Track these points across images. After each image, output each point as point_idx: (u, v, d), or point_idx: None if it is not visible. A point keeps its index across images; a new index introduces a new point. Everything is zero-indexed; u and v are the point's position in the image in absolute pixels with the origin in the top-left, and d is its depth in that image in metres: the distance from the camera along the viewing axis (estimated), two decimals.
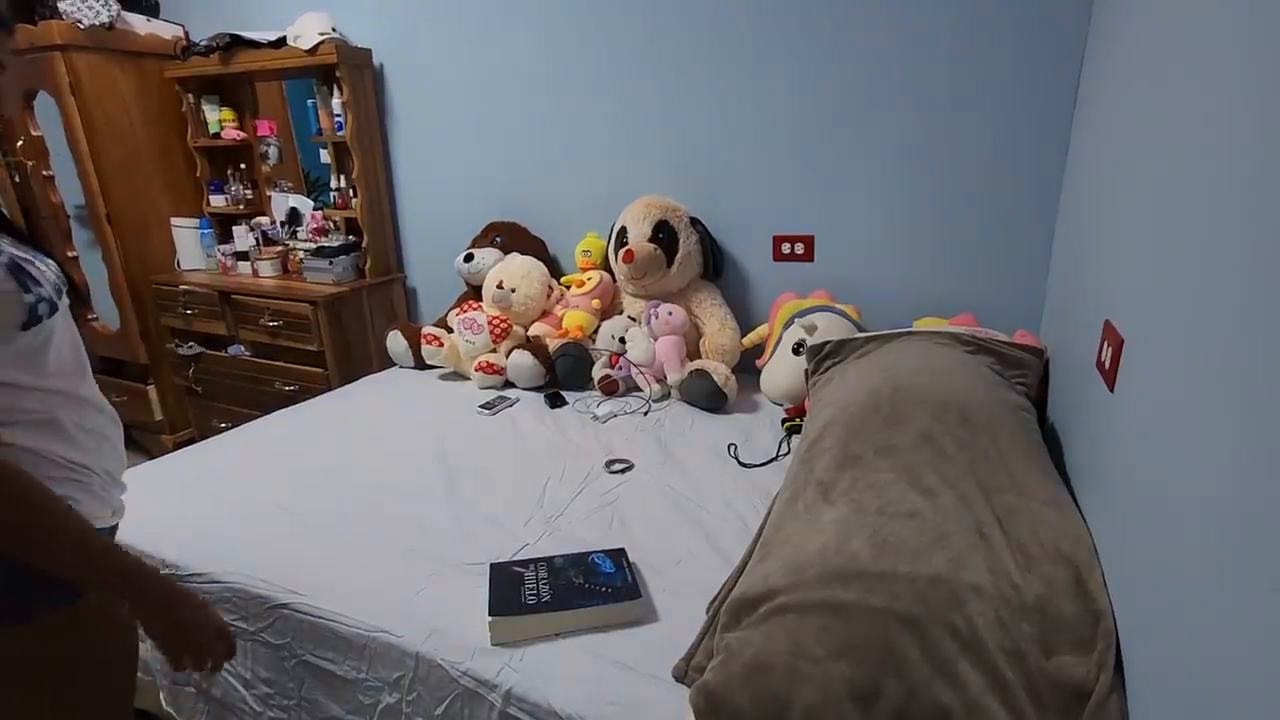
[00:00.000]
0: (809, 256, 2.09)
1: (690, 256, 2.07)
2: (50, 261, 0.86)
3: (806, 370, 1.77)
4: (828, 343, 1.75)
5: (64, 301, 0.86)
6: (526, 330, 2.26)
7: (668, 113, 2.15)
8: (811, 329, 1.90)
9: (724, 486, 1.54)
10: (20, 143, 2.74)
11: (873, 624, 0.86)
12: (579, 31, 2.19)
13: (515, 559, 1.24)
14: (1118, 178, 1.22)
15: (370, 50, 2.53)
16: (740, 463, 1.65)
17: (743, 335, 2.10)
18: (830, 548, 0.99)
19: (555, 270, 2.42)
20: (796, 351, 1.90)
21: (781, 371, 1.94)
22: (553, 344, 2.15)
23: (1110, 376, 1.04)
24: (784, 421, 1.82)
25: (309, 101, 2.64)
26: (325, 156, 2.72)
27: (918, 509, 1.03)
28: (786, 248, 2.10)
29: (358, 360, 2.57)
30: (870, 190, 1.97)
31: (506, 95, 2.37)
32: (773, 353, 2.00)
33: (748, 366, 2.09)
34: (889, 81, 1.86)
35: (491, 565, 1.20)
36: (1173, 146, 0.92)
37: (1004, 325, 1.78)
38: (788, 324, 1.97)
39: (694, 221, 2.10)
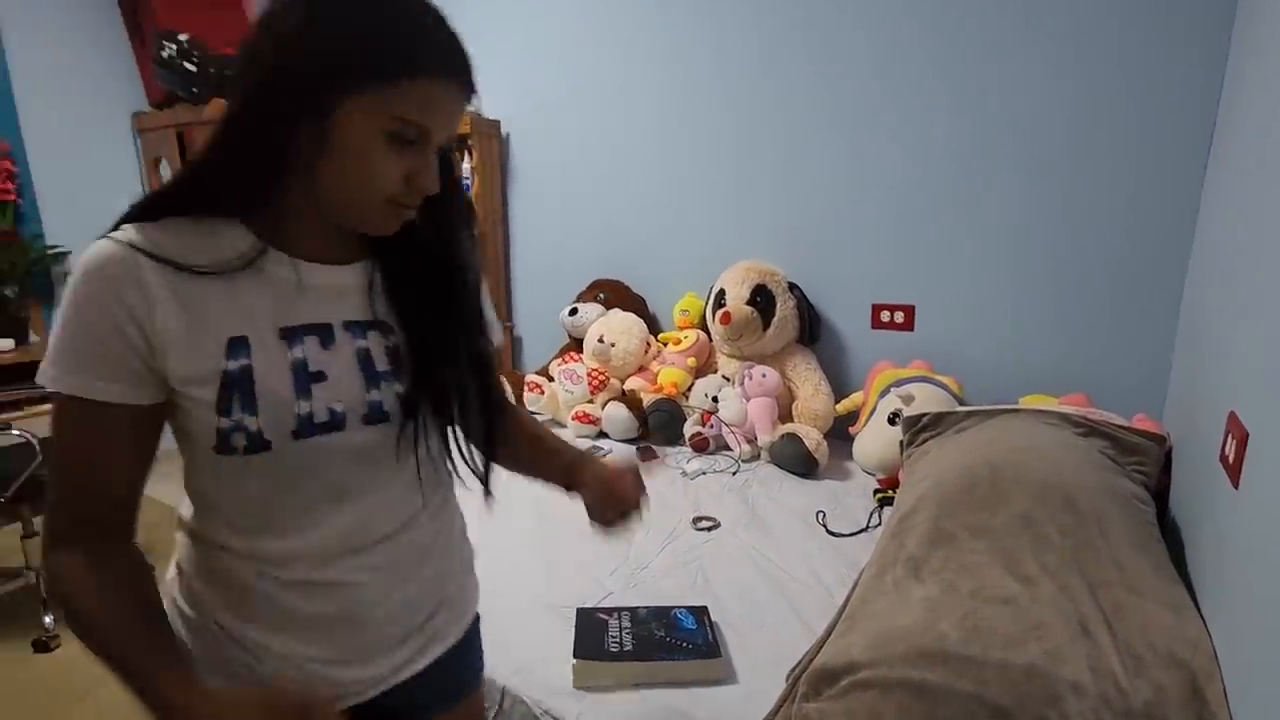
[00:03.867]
0: (909, 325, 2.07)
1: (787, 320, 2.10)
2: (395, 383, 0.69)
3: (902, 441, 1.74)
4: (926, 415, 1.72)
5: (345, 438, 0.67)
6: (623, 384, 2.35)
7: (770, 179, 2.23)
8: (909, 399, 1.87)
9: (810, 554, 1.53)
10: None
11: (959, 710, 0.84)
12: (686, 104, 2.33)
13: (600, 606, 1.29)
14: (1243, 259, 1.16)
15: (499, 121, 2.79)
16: (829, 531, 1.63)
17: (837, 401, 2.09)
18: (918, 626, 0.98)
19: (654, 327, 2.51)
20: (892, 421, 1.87)
21: (876, 441, 1.91)
22: (647, 399, 2.22)
23: (1235, 472, 0.98)
24: (876, 492, 1.79)
25: None
26: None
27: (1013, 596, 1.00)
28: (886, 316, 2.10)
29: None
30: (977, 260, 1.94)
31: (616, 162, 2.54)
32: (867, 421, 1.97)
33: (841, 433, 2.07)
34: (1003, 148, 1.86)
35: (578, 610, 1.25)
36: None
37: (1122, 408, 1.68)
38: (884, 393, 1.95)
39: (792, 286, 2.14)
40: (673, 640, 1.16)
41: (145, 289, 0.58)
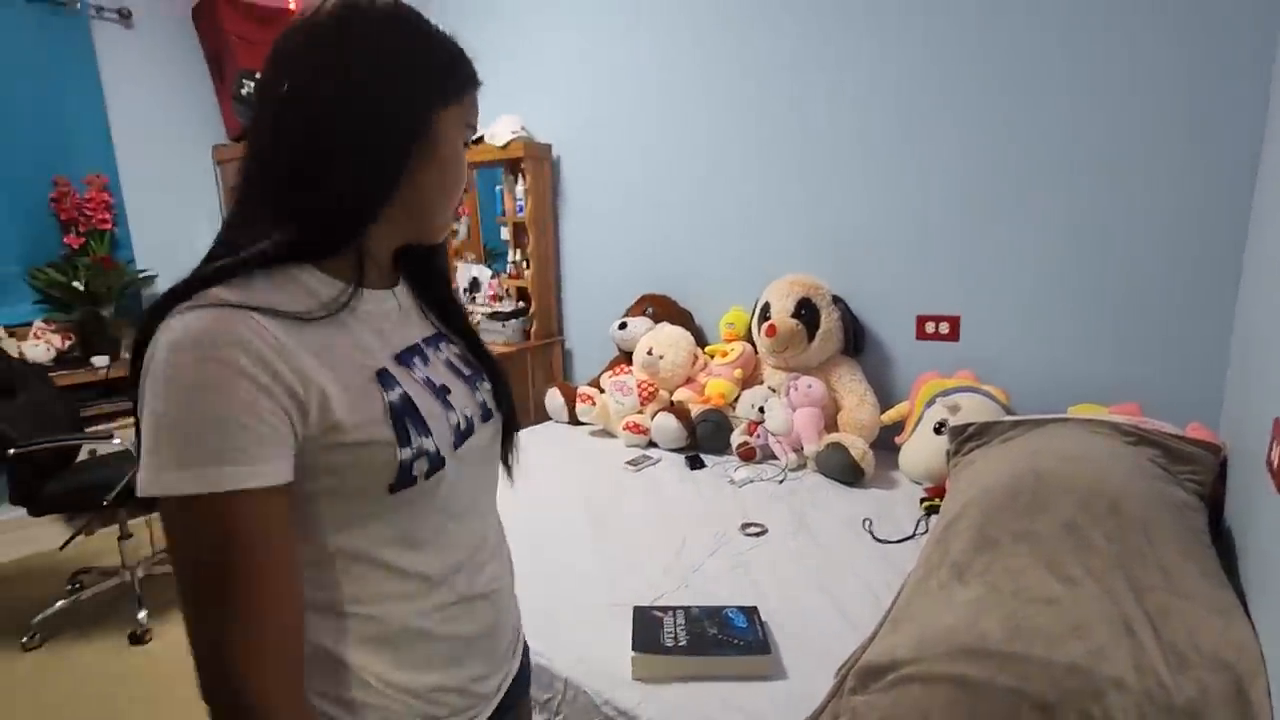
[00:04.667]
0: (954, 336, 2.09)
1: (831, 333, 2.15)
2: (483, 383, 0.76)
3: (948, 450, 1.76)
4: (972, 424, 1.74)
5: (476, 441, 0.71)
6: (671, 395, 2.42)
7: (815, 193, 2.29)
8: (955, 409, 1.89)
9: (856, 559, 1.57)
10: None
11: (1002, 704, 0.88)
12: (730, 122, 2.41)
13: (655, 605, 1.36)
14: None
15: (550, 145, 2.91)
16: (875, 538, 1.66)
17: (882, 411, 2.12)
18: (960, 625, 1.02)
19: (701, 340, 2.58)
20: (938, 431, 1.89)
21: (922, 450, 1.94)
22: (695, 409, 2.29)
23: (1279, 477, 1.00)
24: (923, 501, 1.81)
25: (496, 188, 3.06)
26: (505, 233, 3.13)
27: (1056, 596, 1.03)
28: (930, 327, 2.12)
29: (518, 413, 2.86)
30: (1022, 270, 1.96)
31: (663, 181, 2.63)
32: (913, 431, 2.00)
33: (887, 443, 2.10)
34: (1049, 157, 1.88)
35: (635, 608, 1.32)
36: None
37: (1176, 417, 1.67)
38: (930, 403, 1.98)
39: (836, 299, 2.18)
40: (725, 637, 1.22)
41: (278, 346, 0.54)
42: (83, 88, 3.04)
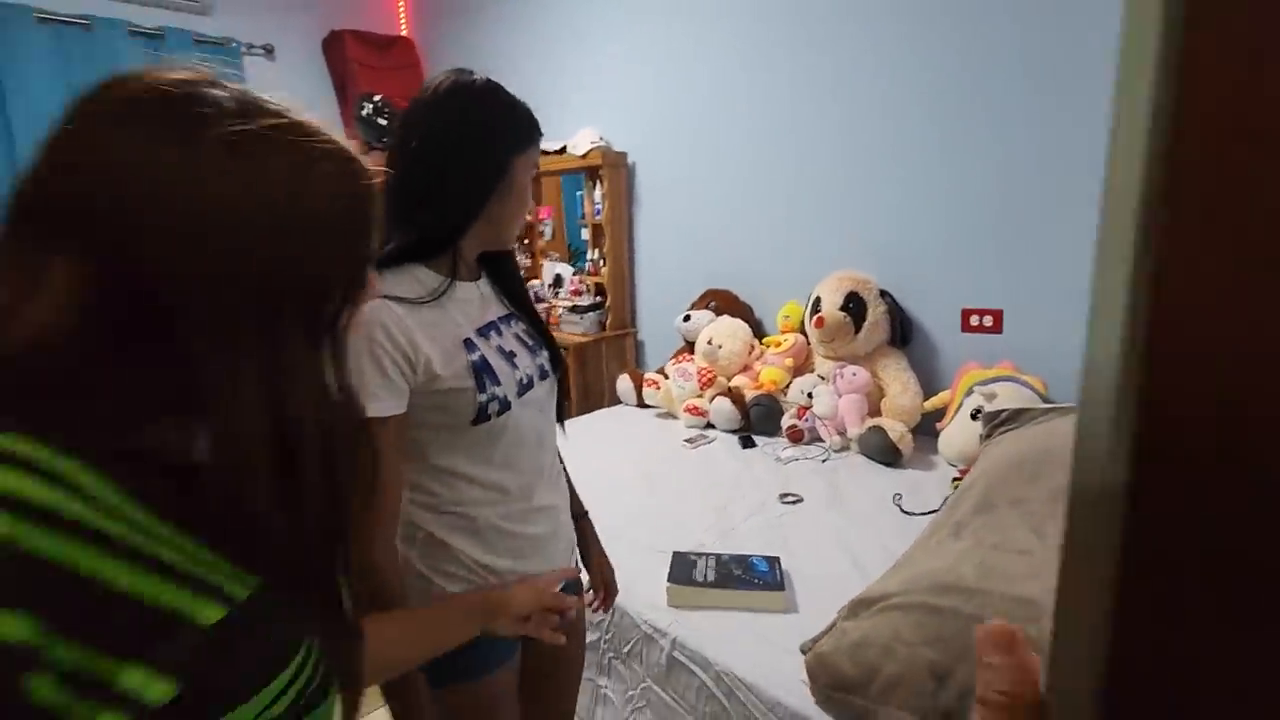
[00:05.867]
0: (997, 329, 2.19)
1: (878, 325, 2.30)
2: (542, 352, 1.03)
3: (981, 434, 1.89)
4: (1005, 410, 1.86)
5: (535, 393, 0.98)
6: (729, 381, 2.63)
7: (867, 195, 2.43)
8: (991, 397, 2.01)
9: (881, 527, 1.73)
10: None
11: (960, 626, 1.06)
12: (789, 129, 2.59)
13: (692, 551, 1.59)
14: None
15: (626, 153, 3.19)
16: (902, 510, 1.82)
17: (925, 399, 2.25)
18: (942, 568, 1.20)
19: (759, 331, 2.78)
20: (974, 417, 2.01)
21: (959, 435, 2.06)
22: (749, 394, 2.49)
23: None
24: (954, 480, 1.94)
25: (577, 193, 3.37)
26: (585, 234, 3.43)
27: (1030, 549, 1.19)
28: (975, 320, 2.23)
29: (593, 397, 3.16)
30: (1064, 263, 2.03)
31: (727, 185, 2.85)
32: (953, 417, 2.12)
33: (930, 430, 2.22)
34: (1092, 155, 1.94)
35: (674, 552, 1.56)
36: None
37: None
38: (969, 391, 2.09)
39: (883, 293, 2.32)
40: (747, 577, 1.44)
41: (402, 325, 0.83)
42: None
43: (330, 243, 0.46)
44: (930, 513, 1.80)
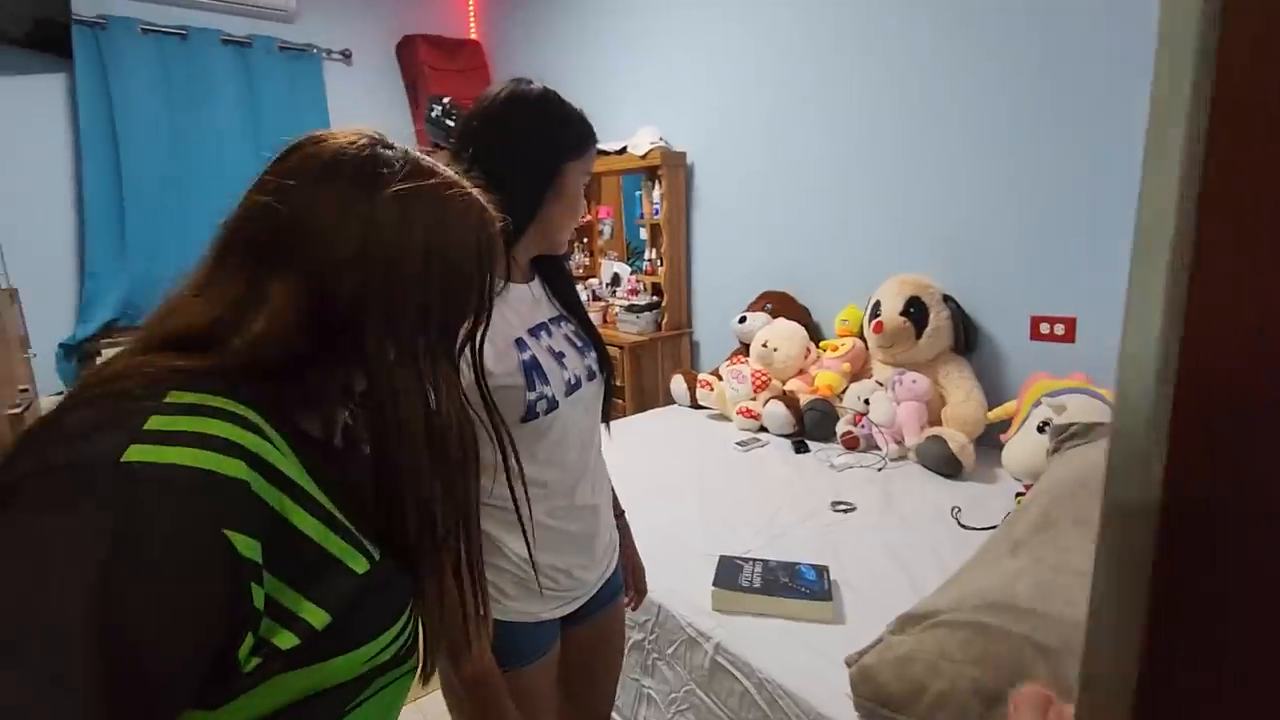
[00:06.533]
0: (1069, 337, 2.09)
1: (940, 331, 2.23)
2: (590, 353, 1.05)
3: (1048, 449, 1.81)
4: (1075, 424, 1.77)
5: (582, 393, 1.00)
6: (784, 385, 2.61)
7: (930, 196, 2.36)
8: (1060, 409, 1.92)
9: (937, 540, 1.69)
10: None
11: (1010, 647, 1.03)
12: (848, 128, 2.54)
13: (739, 556, 1.59)
14: None
15: (685, 153, 3.19)
16: (960, 524, 1.77)
17: (989, 409, 2.17)
18: (996, 586, 1.16)
19: (815, 335, 2.73)
20: (1041, 430, 1.93)
21: (1025, 449, 1.98)
22: (804, 399, 2.46)
23: None
24: (1017, 496, 1.87)
25: (636, 193, 3.39)
26: (643, 233, 3.45)
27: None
28: (1045, 328, 2.13)
29: (648, 396, 3.18)
30: None
31: (786, 185, 2.81)
32: (1018, 429, 2.04)
33: (994, 441, 2.14)
34: None
35: (721, 556, 1.56)
36: None
37: None
38: (1037, 403, 2.01)
39: (946, 298, 2.25)
40: (793, 585, 1.43)
41: None
42: (315, 118, 3.77)
43: (469, 273, 0.59)
44: (990, 528, 1.73)
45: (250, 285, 0.51)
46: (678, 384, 2.88)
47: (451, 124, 3.59)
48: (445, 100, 3.60)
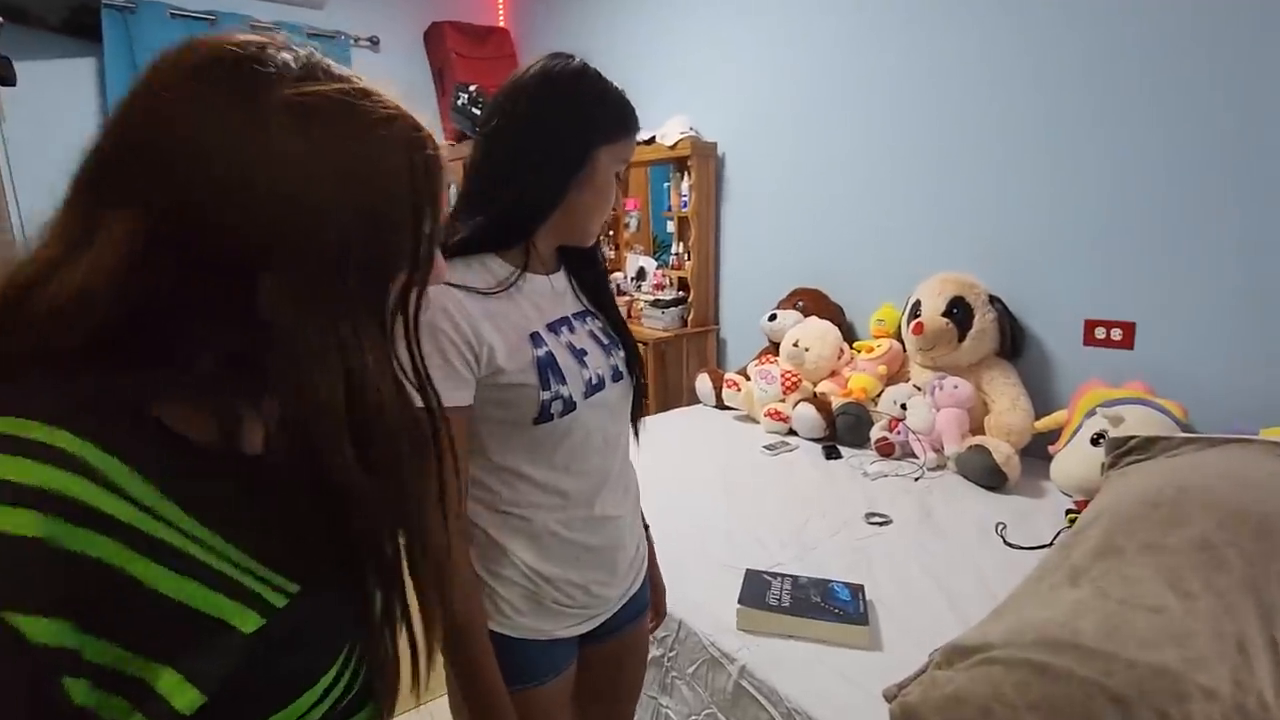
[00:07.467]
0: (1127, 343, 1.94)
1: (984, 333, 2.09)
2: (618, 352, 0.97)
3: (1103, 463, 1.68)
4: (1134, 438, 1.64)
5: (605, 395, 0.91)
6: (815, 386, 2.49)
7: (974, 190, 2.22)
8: (1117, 421, 1.78)
9: (980, 560, 1.57)
10: None
11: (1076, 691, 0.91)
12: (886, 118, 2.40)
13: (767, 570, 1.49)
14: None
15: (716, 143, 3.07)
16: (1006, 542, 1.64)
17: (1037, 418, 2.03)
18: (1056, 621, 1.04)
19: (850, 335, 2.61)
20: (1095, 442, 1.79)
21: (1076, 462, 1.84)
22: (836, 402, 2.34)
23: None
24: (1068, 513, 1.73)
25: (664, 184, 3.29)
26: (670, 226, 3.34)
27: (1166, 606, 1.01)
28: (1100, 332, 1.99)
29: (672, 395, 3.08)
30: (1211, 273, 1.77)
31: (820, 177, 2.68)
32: (1069, 440, 1.90)
33: (1040, 452, 2.01)
34: (1237, 151, 1.69)
35: (747, 570, 1.46)
36: None
37: None
38: (1090, 413, 1.87)
39: (992, 299, 2.11)
40: (826, 605, 1.33)
41: (466, 314, 0.79)
42: None
43: (395, 208, 0.45)
44: (1040, 547, 1.61)
45: (81, 219, 0.40)
46: (703, 383, 2.78)
47: (478, 112, 3.52)
48: (472, 88, 3.53)
